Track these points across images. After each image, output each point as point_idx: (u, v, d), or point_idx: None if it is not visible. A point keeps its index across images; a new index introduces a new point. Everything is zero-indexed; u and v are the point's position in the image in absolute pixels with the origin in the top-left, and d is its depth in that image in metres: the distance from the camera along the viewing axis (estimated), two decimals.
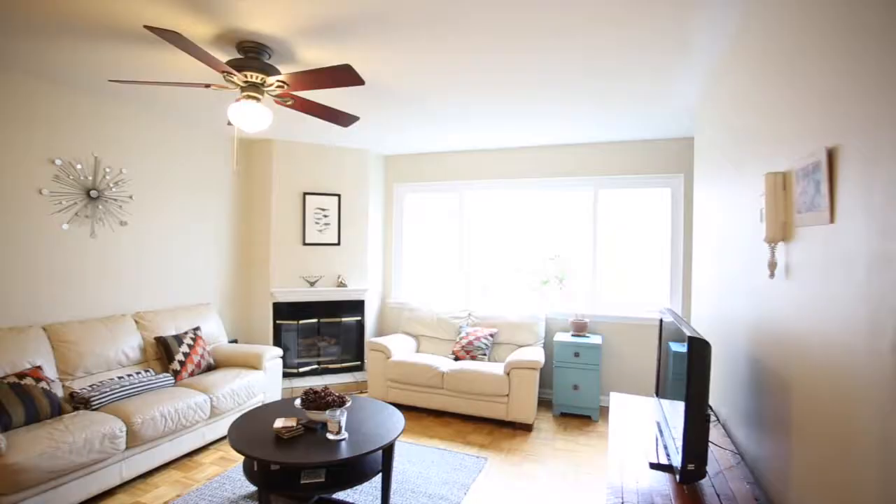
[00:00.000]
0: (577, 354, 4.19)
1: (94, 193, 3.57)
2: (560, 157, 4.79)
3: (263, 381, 3.91)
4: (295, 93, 2.80)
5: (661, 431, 2.15)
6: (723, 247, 2.40)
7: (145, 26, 2.06)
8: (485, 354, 4.39)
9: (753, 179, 1.82)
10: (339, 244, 5.09)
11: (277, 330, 4.88)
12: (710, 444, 1.58)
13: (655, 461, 1.90)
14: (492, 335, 4.49)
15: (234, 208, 4.91)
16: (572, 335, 4.39)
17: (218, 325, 4.33)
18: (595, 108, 3.56)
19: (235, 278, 4.94)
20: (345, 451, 2.39)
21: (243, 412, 3.66)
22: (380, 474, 2.61)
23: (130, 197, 3.85)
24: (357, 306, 5.19)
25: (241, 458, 3.35)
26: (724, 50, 2.40)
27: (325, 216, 5.03)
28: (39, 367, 2.93)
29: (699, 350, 1.53)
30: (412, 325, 4.96)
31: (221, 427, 3.52)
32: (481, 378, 3.96)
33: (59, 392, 3.01)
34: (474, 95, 3.33)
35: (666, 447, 1.95)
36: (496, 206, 5.20)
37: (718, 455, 1.91)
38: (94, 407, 2.96)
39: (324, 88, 2.62)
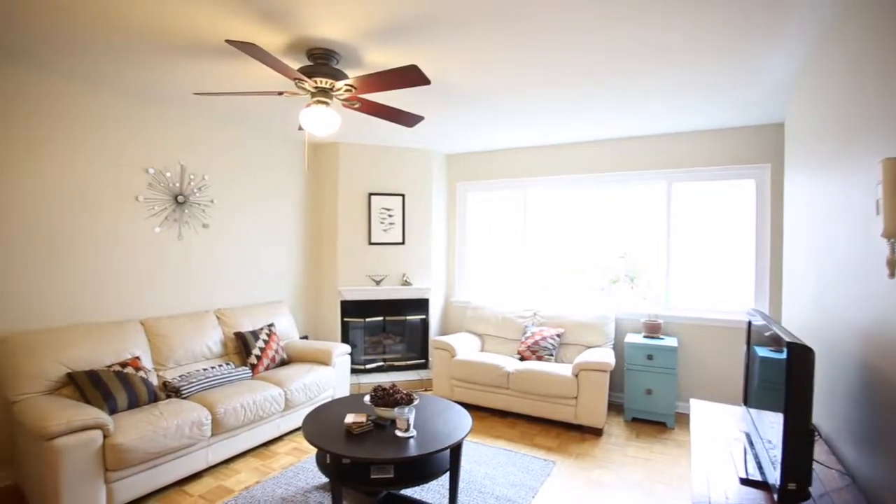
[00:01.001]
0: (650, 357, 3.97)
1: (180, 199, 3.86)
2: (630, 149, 4.56)
3: (333, 377, 4.05)
4: (362, 96, 2.86)
5: (750, 443, 1.98)
6: (823, 243, 2.17)
7: (226, 40, 2.17)
8: (551, 355, 4.27)
9: (866, 166, 1.62)
10: (403, 243, 5.17)
11: (345, 327, 5.04)
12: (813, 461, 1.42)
13: (746, 476, 1.74)
14: (558, 335, 4.37)
15: (304, 210, 5.12)
16: (644, 337, 4.17)
17: (290, 322, 4.54)
18: (671, 97, 3.34)
19: (305, 277, 5.15)
20: (413, 449, 2.41)
21: (314, 406, 3.81)
22: (447, 473, 2.60)
23: (212, 201, 4.12)
24: (421, 304, 5.24)
25: (314, 449, 3.49)
26: (830, 14, 2.07)
27: (390, 216, 5.12)
28: (138, 358, 3.20)
29: (801, 357, 1.38)
30: (476, 323, 4.93)
31: (294, 419, 3.68)
32: (548, 379, 3.86)
33: (154, 381, 3.28)
34: (541, 90, 3.23)
35: (758, 461, 1.79)
36: (561, 203, 5.05)
37: (822, 474, 1.72)
38: (183, 395, 3.19)
39: (390, 90, 2.65)
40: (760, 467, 1.74)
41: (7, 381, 2.74)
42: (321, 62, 2.65)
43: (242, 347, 3.89)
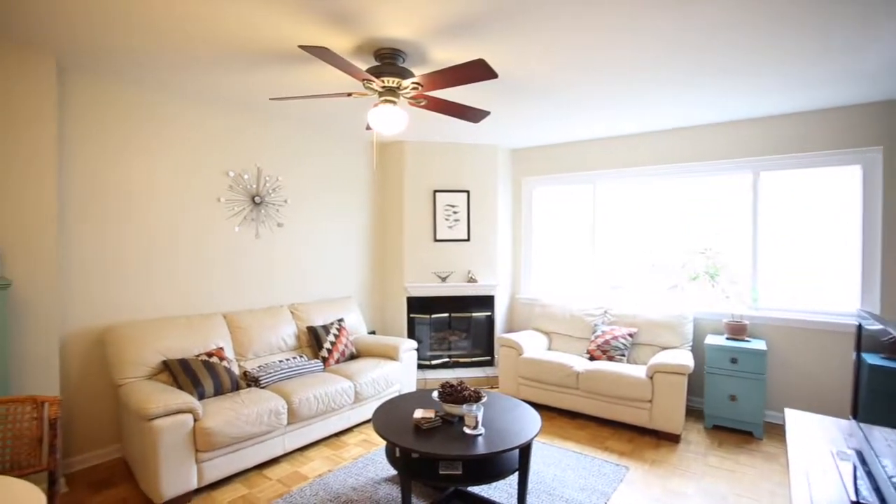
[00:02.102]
0: (734, 361, 3.68)
1: (257, 199, 4.08)
2: (710, 137, 4.24)
3: (400, 372, 4.12)
4: (428, 93, 2.87)
5: (862, 462, 1.76)
6: None
7: (300, 46, 2.25)
8: (623, 355, 4.08)
9: None
10: (468, 240, 5.15)
11: (411, 323, 5.11)
12: None
13: (857, 499, 1.55)
14: (631, 335, 4.16)
15: (371, 208, 5.25)
16: (727, 338, 3.87)
17: (358, 317, 4.68)
18: (763, 77, 3.05)
19: (372, 273, 5.28)
20: (482, 447, 2.39)
21: (382, 400, 3.91)
22: (516, 473, 2.56)
23: (285, 201, 4.33)
24: (487, 301, 5.21)
25: (383, 442, 3.57)
26: None
27: (455, 212, 5.13)
28: (222, 349, 3.43)
29: None
30: (543, 321, 4.82)
31: (363, 412, 3.78)
32: (620, 380, 3.69)
33: (236, 370, 3.49)
34: (615, 76, 3.07)
35: (874, 484, 1.58)
36: (632, 197, 4.81)
37: None
38: (262, 385, 3.38)
39: (457, 86, 2.63)
40: (878, 491, 1.54)
41: (113, 366, 3.04)
42: (388, 62, 2.68)
43: (314, 341, 4.05)
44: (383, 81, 2.67)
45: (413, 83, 2.68)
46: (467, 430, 2.54)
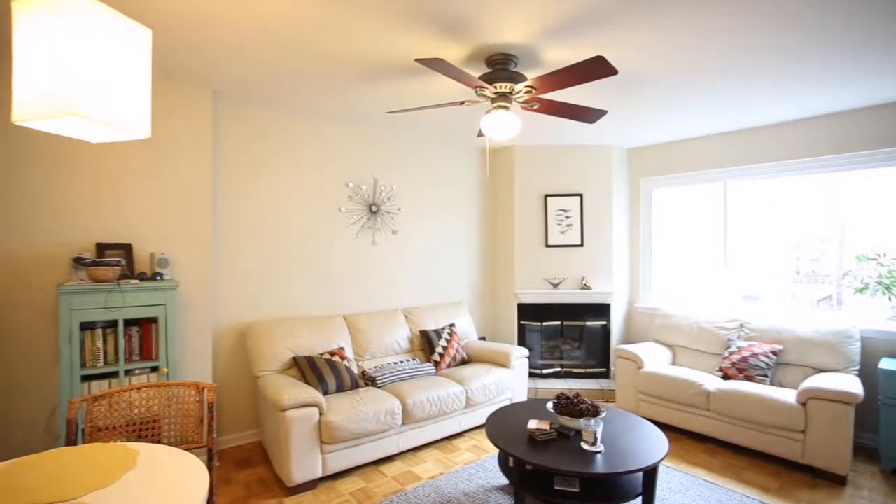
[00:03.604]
0: None
1: (374, 208, 4.32)
2: (867, 122, 3.57)
3: (511, 380, 4.05)
4: (541, 96, 2.80)
5: None
6: None
7: (416, 60, 2.33)
8: (765, 376, 3.58)
9: None
10: (581, 245, 4.94)
11: (521, 330, 5.02)
12: None
13: None
14: (774, 353, 3.64)
15: (481, 214, 5.28)
16: None
17: (469, 323, 4.71)
18: None
19: (483, 279, 5.30)
20: (601, 465, 2.24)
21: (493, 406, 3.88)
22: (639, 498, 2.35)
23: (399, 209, 4.52)
24: (602, 310, 4.93)
25: (493, 449, 3.53)
26: None
27: (567, 217, 4.95)
28: (342, 348, 3.66)
29: None
30: (666, 333, 4.43)
31: (474, 417, 3.78)
32: (763, 404, 3.24)
33: (355, 369, 3.71)
34: (749, 62, 2.73)
35: None
36: (772, 195, 4.22)
37: None
38: (378, 385, 3.54)
39: (574, 85, 2.54)
40: None
41: (253, 360, 3.40)
42: (500, 67, 2.67)
43: (426, 345, 4.16)
44: (496, 87, 2.66)
45: (526, 87, 2.64)
46: (585, 446, 2.40)
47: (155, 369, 2.79)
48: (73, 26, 1.12)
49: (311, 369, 3.34)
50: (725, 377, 3.74)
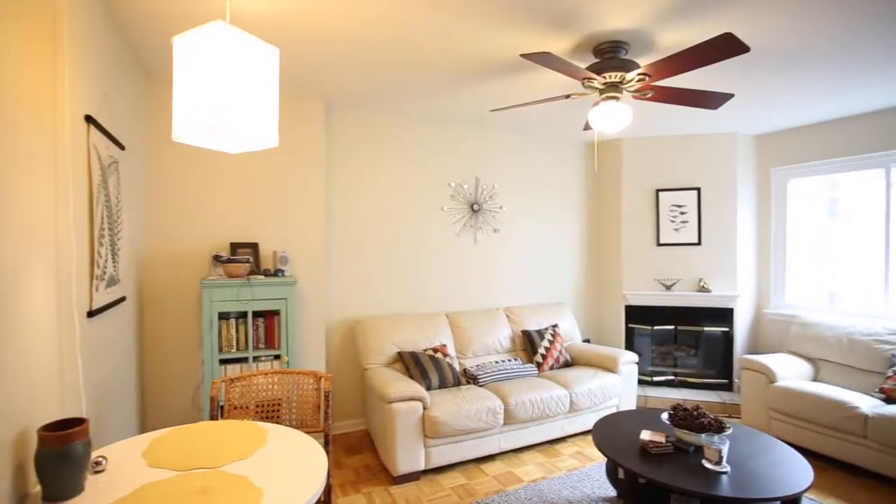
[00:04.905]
0: None
1: (475, 207, 4.34)
2: None
3: (618, 386, 3.83)
4: (655, 83, 2.60)
5: None
6: None
7: (521, 55, 2.28)
8: None
9: None
10: (699, 244, 4.51)
11: (629, 333, 4.73)
12: None
13: None
14: None
15: (585, 211, 5.06)
16: None
17: (572, 324, 4.54)
18: None
19: (587, 279, 5.08)
20: (728, 488, 2.01)
21: (598, 413, 3.70)
22: None
23: (501, 208, 4.49)
24: (723, 315, 4.47)
25: (598, 457, 3.37)
26: None
27: (682, 213, 4.55)
28: (445, 346, 3.73)
29: None
30: (805, 344, 3.88)
31: (578, 422, 3.63)
32: None
33: (456, 367, 3.76)
34: None
35: None
36: None
37: None
38: (480, 383, 3.55)
39: (697, 68, 2.31)
40: None
41: (360, 353, 3.60)
42: (609, 56, 2.53)
43: (528, 345, 4.08)
44: (605, 77, 2.52)
45: (639, 74, 2.46)
46: (707, 465, 2.18)
47: (277, 357, 3.07)
48: (219, 53, 1.27)
49: (415, 364, 3.45)
50: (888, 400, 3.17)
